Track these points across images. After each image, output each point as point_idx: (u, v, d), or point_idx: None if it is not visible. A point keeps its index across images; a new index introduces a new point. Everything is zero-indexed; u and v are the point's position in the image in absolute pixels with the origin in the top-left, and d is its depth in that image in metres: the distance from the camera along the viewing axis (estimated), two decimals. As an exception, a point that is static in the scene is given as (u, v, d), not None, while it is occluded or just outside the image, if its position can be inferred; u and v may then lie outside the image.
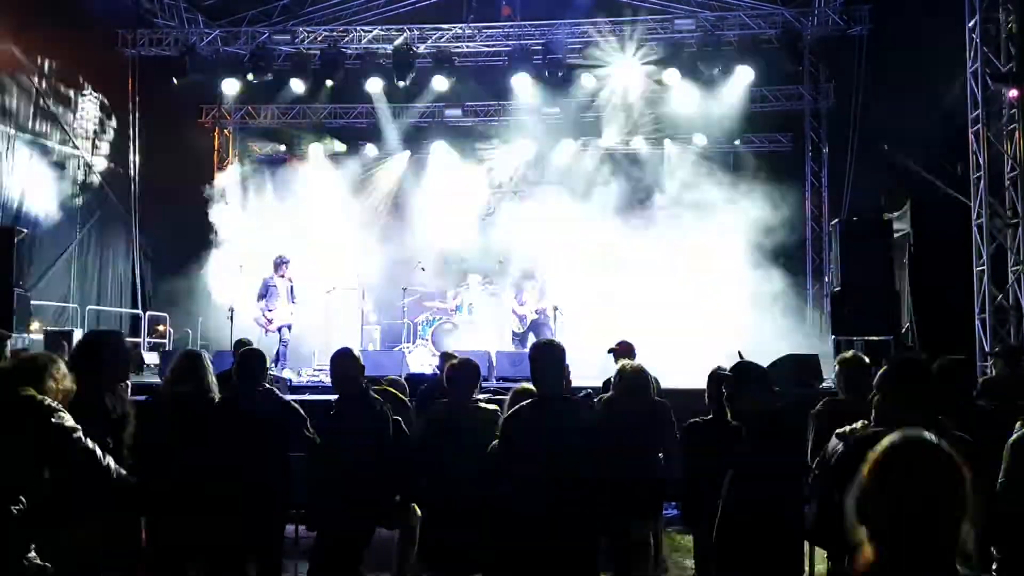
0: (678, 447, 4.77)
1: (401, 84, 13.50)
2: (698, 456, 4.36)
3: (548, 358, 3.86)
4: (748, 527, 3.42)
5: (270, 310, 11.22)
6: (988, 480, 3.11)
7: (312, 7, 13.79)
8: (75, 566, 3.50)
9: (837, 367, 4.58)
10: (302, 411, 4.66)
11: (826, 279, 12.44)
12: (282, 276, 11.43)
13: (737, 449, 3.67)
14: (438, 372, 6.68)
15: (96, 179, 12.90)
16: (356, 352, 4.67)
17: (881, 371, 3.15)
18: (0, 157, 11.14)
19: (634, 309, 12.39)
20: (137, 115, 13.29)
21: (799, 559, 3.77)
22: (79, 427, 3.28)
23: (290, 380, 10.12)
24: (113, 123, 13.34)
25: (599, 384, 6.17)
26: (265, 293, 11.32)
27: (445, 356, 6.43)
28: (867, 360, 4.51)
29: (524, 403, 3.79)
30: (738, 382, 3.79)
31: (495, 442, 3.92)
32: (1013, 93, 8.50)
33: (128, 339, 13.45)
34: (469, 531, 4.00)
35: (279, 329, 11.29)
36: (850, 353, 4.63)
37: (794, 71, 13.63)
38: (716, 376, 4.53)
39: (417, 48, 13.36)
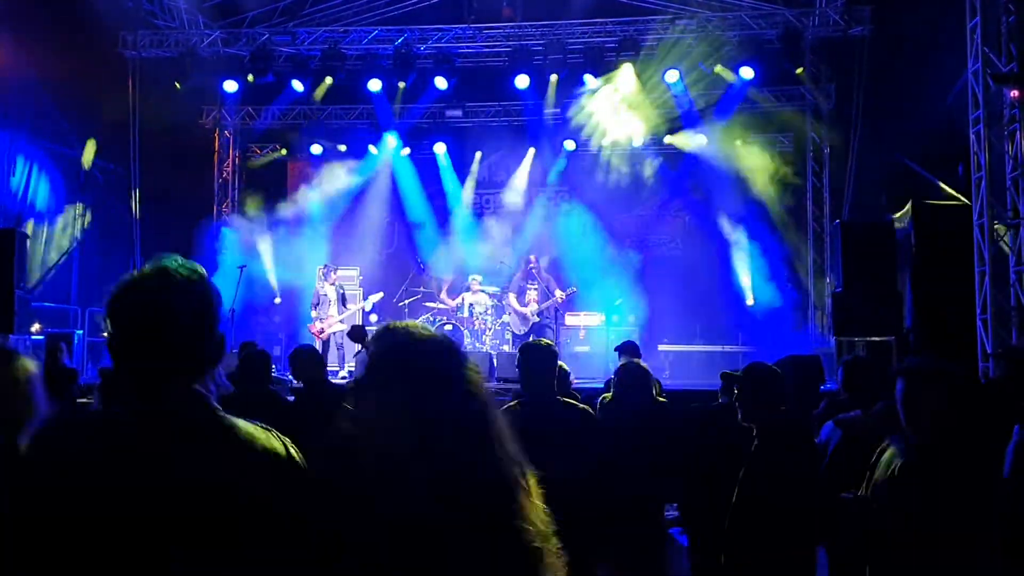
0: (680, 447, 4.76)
1: (401, 85, 13.53)
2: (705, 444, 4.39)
3: (535, 360, 3.72)
4: (756, 530, 3.41)
5: (321, 319, 11.29)
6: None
7: (312, 8, 13.78)
8: None
9: (840, 369, 4.67)
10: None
11: (828, 280, 12.41)
12: (332, 284, 11.49)
13: (745, 450, 3.67)
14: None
15: (97, 180, 12.89)
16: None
17: None
18: (1, 158, 11.13)
19: (632, 308, 12.38)
20: (138, 116, 13.27)
21: (809, 565, 3.72)
22: None
23: (291, 381, 10.11)
24: (114, 124, 13.31)
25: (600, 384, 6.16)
26: (318, 302, 11.40)
27: None
28: (868, 360, 4.58)
29: (509, 405, 3.72)
30: (749, 385, 3.80)
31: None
32: (1014, 93, 8.47)
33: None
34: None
35: (330, 336, 11.34)
36: (852, 355, 4.70)
37: (795, 71, 13.58)
38: (728, 374, 4.60)
39: (418, 49, 13.35)
